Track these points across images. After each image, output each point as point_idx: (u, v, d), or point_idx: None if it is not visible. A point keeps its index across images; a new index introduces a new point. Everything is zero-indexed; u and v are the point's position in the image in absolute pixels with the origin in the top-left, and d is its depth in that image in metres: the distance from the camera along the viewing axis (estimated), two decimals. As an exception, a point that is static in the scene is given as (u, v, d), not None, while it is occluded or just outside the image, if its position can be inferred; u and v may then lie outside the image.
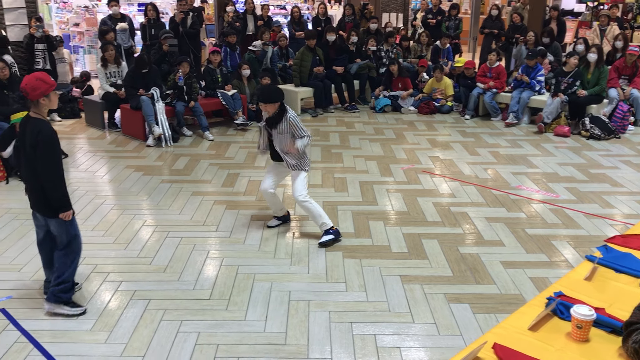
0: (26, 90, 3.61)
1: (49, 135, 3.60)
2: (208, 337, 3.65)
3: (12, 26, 9.04)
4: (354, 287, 4.25)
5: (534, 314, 2.50)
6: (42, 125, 3.61)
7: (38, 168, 3.64)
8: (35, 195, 3.78)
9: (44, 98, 3.63)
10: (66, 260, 3.85)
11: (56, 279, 3.85)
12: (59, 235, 3.83)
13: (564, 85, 8.66)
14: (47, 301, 3.89)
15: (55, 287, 3.85)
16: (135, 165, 7.01)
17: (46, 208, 3.77)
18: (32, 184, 3.78)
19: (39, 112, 3.67)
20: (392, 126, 8.99)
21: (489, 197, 6.02)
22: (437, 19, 12.55)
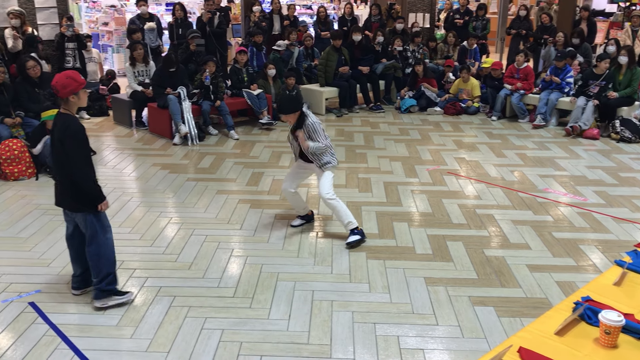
0: (57, 87, 3.67)
1: (76, 130, 3.66)
2: (232, 335, 3.68)
3: (43, 25, 9.20)
4: (377, 288, 4.24)
5: (560, 319, 2.47)
6: (70, 120, 3.69)
7: (66, 163, 3.70)
8: (61, 190, 3.84)
9: (73, 96, 3.70)
10: (98, 255, 3.87)
11: (96, 276, 3.88)
12: (85, 229, 3.88)
13: (596, 88, 8.51)
14: (95, 299, 3.92)
15: (98, 284, 3.88)
16: (161, 163, 7.09)
17: (71, 202, 3.82)
18: (59, 178, 3.84)
19: (69, 108, 3.74)
20: (417, 127, 8.94)
21: (515, 200, 5.95)
22: (465, 19, 12.45)
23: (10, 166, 6.37)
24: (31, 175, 6.51)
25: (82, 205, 3.81)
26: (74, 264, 4.11)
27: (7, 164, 6.35)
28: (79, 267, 4.08)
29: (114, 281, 3.96)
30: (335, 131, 8.65)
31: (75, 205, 3.83)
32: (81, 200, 3.79)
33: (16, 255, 4.70)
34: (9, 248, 4.83)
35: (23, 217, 5.45)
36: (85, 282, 4.12)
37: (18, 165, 6.40)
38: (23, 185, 6.31)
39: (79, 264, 4.07)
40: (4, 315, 3.86)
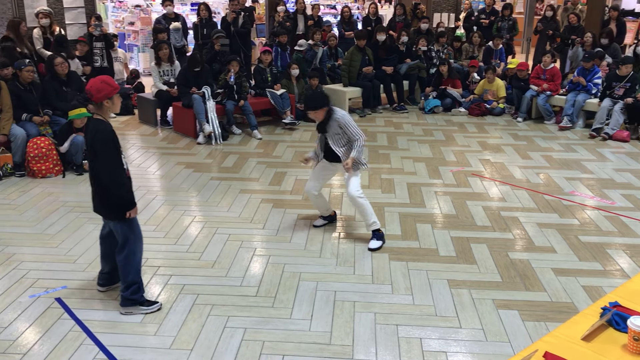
0: (91, 92, 3.65)
1: (105, 134, 3.63)
2: (254, 334, 3.69)
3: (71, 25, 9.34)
4: (400, 290, 4.22)
5: (587, 324, 2.43)
6: (100, 124, 3.66)
7: (98, 167, 3.69)
8: (96, 197, 3.85)
9: (107, 100, 3.67)
10: (127, 262, 3.84)
11: (123, 283, 3.88)
12: (117, 235, 3.86)
13: (621, 90, 8.36)
14: (122, 306, 3.91)
15: (125, 291, 3.88)
16: (185, 162, 7.14)
17: (104, 210, 3.83)
18: (93, 185, 3.83)
19: (102, 113, 3.72)
20: (441, 127, 8.88)
21: (540, 202, 5.87)
22: (490, 19, 12.33)
23: (38, 164, 6.47)
24: (58, 172, 6.61)
25: (111, 212, 3.79)
26: (103, 261, 4.13)
27: (35, 162, 6.46)
28: (107, 265, 4.10)
29: (139, 291, 3.91)
30: (359, 131, 8.62)
31: (105, 212, 3.83)
32: (111, 207, 3.77)
33: (43, 252, 4.78)
34: (36, 244, 4.91)
35: (50, 214, 5.54)
36: (112, 280, 4.15)
37: (45, 162, 6.50)
38: (50, 182, 6.42)
39: (107, 262, 4.09)
40: (31, 311, 3.92)
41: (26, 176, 6.54)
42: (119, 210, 3.77)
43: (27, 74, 6.72)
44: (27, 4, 8.77)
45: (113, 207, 3.77)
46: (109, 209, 3.80)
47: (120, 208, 3.76)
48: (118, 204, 3.75)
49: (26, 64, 6.77)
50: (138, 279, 3.92)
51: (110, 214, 3.81)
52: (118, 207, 3.76)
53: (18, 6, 8.68)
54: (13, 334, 3.67)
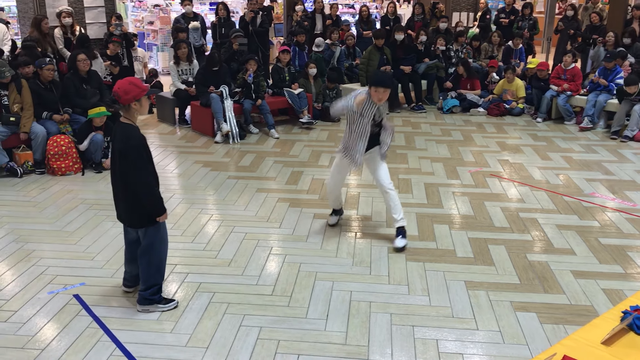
0: (118, 94, 3.59)
1: (137, 141, 3.60)
2: (269, 333, 3.69)
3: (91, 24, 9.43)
4: (416, 291, 4.19)
5: (607, 328, 2.39)
6: (131, 130, 3.62)
7: (127, 175, 3.63)
8: (122, 205, 3.80)
9: (135, 102, 3.61)
10: (150, 265, 3.84)
11: (144, 284, 3.87)
12: (143, 239, 3.84)
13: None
14: (139, 304, 3.91)
15: (144, 291, 3.88)
16: (203, 161, 7.17)
17: (130, 217, 3.79)
18: (118, 191, 3.78)
19: (130, 116, 3.66)
20: (459, 127, 8.81)
21: (560, 204, 5.80)
22: (510, 18, 12.21)
23: (58, 161, 6.54)
24: (77, 170, 6.68)
25: (141, 219, 3.75)
26: (128, 264, 4.08)
27: (55, 159, 6.54)
28: (134, 268, 4.03)
29: (159, 292, 3.93)
30: (376, 131, 8.59)
31: (135, 221, 3.78)
32: (138, 214, 3.73)
33: (62, 249, 4.83)
34: (56, 241, 4.96)
35: (69, 211, 5.60)
36: (137, 281, 4.07)
37: (65, 160, 6.57)
38: (69, 180, 6.48)
39: (132, 264, 4.03)
40: (49, 307, 3.96)
41: (46, 174, 6.62)
42: (147, 217, 3.74)
43: (47, 72, 6.80)
44: (49, 4, 8.87)
45: (141, 214, 3.73)
46: (137, 217, 3.76)
47: (149, 214, 3.73)
48: (148, 211, 3.71)
49: (46, 63, 6.84)
50: (159, 281, 3.93)
51: (138, 221, 3.77)
52: (148, 213, 3.72)
53: (40, 5, 8.79)
54: (32, 329, 3.71)
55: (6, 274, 4.40)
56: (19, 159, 6.57)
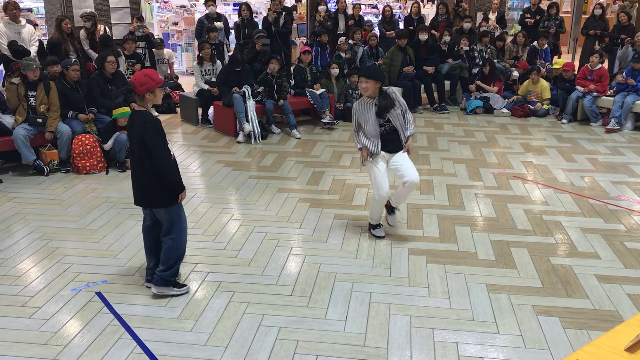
0: (134, 84, 3.83)
1: (154, 124, 3.80)
2: (288, 333, 3.69)
3: (117, 25, 9.55)
4: (437, 293, 4.16)
5: (632, 334, 2.33)
6: (146, 116, 3.82)
7: (148, 158, 3.80)
8: (142, 188, 3.93)
9: (149, 94, 3.86)
10: (172, 246, 4.00)
11: (164, 264, 4.01)
12: (164, 220, 3.99)
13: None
14: (155, 285, 4.05)
15: (163, 272, 4.01)
16: (225, 161, 7.21)
17: (151, 199, 3.94)
18: (137, 176, 3.93)
19: (144, 105, 3.90)
20: (483, 128, 8.73)
21: (585, 207, 5.70)
22: (536, 18, 12.06)
23: (83, 160, 6.64)
24: (102, 169, 6.76)
25: (163, 199, 3.91)
26: (148, 256, 4.19)
27: (80, 158, 6.63)
28: (152, 259, 4.16)
29: (176, 274, 4.10)
30: (398, 132, 8.55)
31: (157, 200, 3.92)
32: (163, 195, 3.89)
33: (85, 246, 4.90)
34: (79, 239, 5.04)
35: (93, 209, 5.67)
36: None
37: (90, 159, 6.66)
38: (94, 178, 6.57)
39: (153, 256, 4.15)
40: (72, 304, 4.02)
41: (71, 172, 6.72)
42: (168, 196, 3.90)
43: (73, 72, 6.90)
44: (75, 4, 9.01)
45: (163, 193, 3.88)
46: (157, 197, 3.90)
47: (170, 193, 3.90)
48: (170, 189, 3.88)
49: (72, 63, 6.95)
50: (179, 262, 4.08)
51: (159, 201, 3.91)
52: (169, 192, 3.89)
53: (66, 6, 8.93)
54: (55, 326, 3.76)
55: (31, 271, 4.47)
56: (45, 157, 6.68)
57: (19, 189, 6.22)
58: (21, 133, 6.46)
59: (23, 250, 4.82)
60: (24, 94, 6.57)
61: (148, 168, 3.84)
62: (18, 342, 3.59)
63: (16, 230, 5.21)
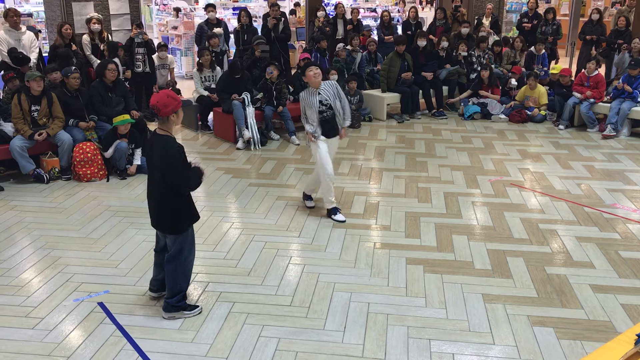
0: (158, 107, 3.70)
1: (178, 155, 3.72)
2: (288, 344, 3.76)
3: (117, 31, 9.60)
4: (434, 303, 4.22)
5: (622, 351, 2.40)
6: (169, 142, 3.73)
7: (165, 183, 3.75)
8: (155, 212, 3.91)
9: (174, 114, 3.76)
10: (176, 273, 3.95)
11: (170, 291, 3.98)
12: (172, 246, 3.94)
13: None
14: (165, 311, 4.01)
15: (170, 299, 3.99)
16: (225, 168, 7.27)
17: (163, 225, 3.91)
18: (153, 200, 3.89)
19: (167, 128, 3.79)
20: (480, 134, 8.80)
21: (580, 215, 5.77)
22: (533, 23, 12.12)
23: (84, 168, 6.70)
24: (102, 177, 6.82)
25: (177, 226, 3.86)
26: (157, 268, 4.20)
27: (81, 166, 6.69)
28: (161, 272, 4.16)
29: (184, 299, 4.05)
30: (396, 138, 8.62)
31: (166, 228, 3.89)
32: (173, 221, 3.85)
33: (87, 256, 4.95)
34: (81, 248, 5.09)
35: (94, 218, 5.73)
36: (164, 286, 4.18)
37: (91, 167, 6.72)
38: (95, 186, 6.63)
39: (162, 270, 4.14)
40: (75, 314, 4.08)
41: (72, 180, 6.77)
42: (178, 223, 3.86)
43: (73, 80, 6.96)
44: (76, 11, 9.05)
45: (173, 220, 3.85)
46: (169, 223, 3.87)
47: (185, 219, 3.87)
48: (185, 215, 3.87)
49: (72, 71, 7.00)
50: (185, 288, 4.04)
51: (170, 227, 3.88)
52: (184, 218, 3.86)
53: (67, 13, 8.97)
54: (58, 337, 3.82)
55: (34, 281, 4.53)
56: (45, 165, 6.74)
57: (20, 197, 6.28)
58: (17, 144, 6.49)
59: (25, 259, 4.88)
60: (27, 108, 6.61)
61: (165, 194, 3.80)
62: (22, 353, 3.65)
63: (18, 239, 5.27)
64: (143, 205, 5.97)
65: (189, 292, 4.31)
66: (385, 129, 9.13)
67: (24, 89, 6.63)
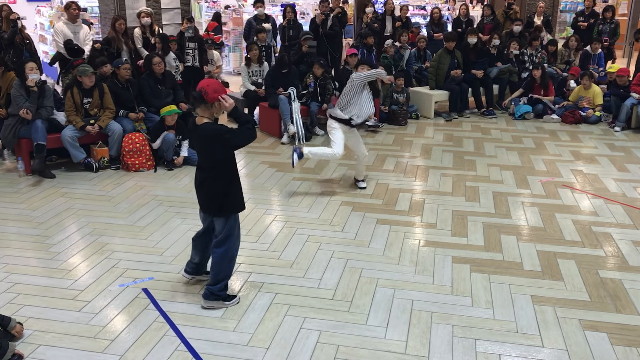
0: (207, 90, 3.70)
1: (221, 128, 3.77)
2: (329, 337, 3.70)
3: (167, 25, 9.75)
4: (480, 303, 4.10)
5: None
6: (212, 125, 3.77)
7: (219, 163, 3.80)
8: (202, 194, 3.93)
9: (218, 102, 3.75)
10: (223, 259, 3.96)
11: (214, 277, 3.99)
12: (220, 231, 3.94)
13: None
14: (204, 298, 4.02)
15: (213, 286, 3.99)
16: (269, 162, 7.28)
17: (210, 206, 3.92)
18: (203, 181, 3.90)
19: (208, 115, 3.79)
20: (532, 135, 8.55)
21: (637, 219, 5.52)
22: (590, 22, 11.73)
23: (132, 158, 6.81)
24: (150, 167, 6.92)
25: (222, 209, 3.87)
26: (194, 251, 4.23)
27: (130, 156, 6.80)
28: (198, 255, 4.21)
29: (226, 288, 4.05)
30: (444, 136, 8.47)
31: (213, 210, 3.90)
32: (223, 204, 3.86)
33: (133, 243, 5.02)
34: (127, 235, 5.17)
35: (141, 207, 5.81)
36: (198, 270, 4.29)
37: (139, 157, 6.83)
38: (142, 176, 6.73)
39: (199, 253, 4.20)
40: (120, 299, 4.13)
41: (120, 169, 6.90)
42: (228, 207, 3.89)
43: (124, 71, 7.09)
44: (129, 5, 9.24)
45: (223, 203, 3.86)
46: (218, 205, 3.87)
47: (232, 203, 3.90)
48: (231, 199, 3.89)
49: (123, 62, 7.13)
50: (229, 276, 4.05)
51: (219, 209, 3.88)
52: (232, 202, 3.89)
53: (120, 7, 9.17)
54: (103, 320, 3.87)
55: (81, 265, 4.62)
56: (96, 154, 6.88)
57: (71, 185, 6.42)
58: (68, 134, 6.64)
59: (74, 244, 4.98)
60: (80, 101, 6.76)
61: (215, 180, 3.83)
62: (68, 335, 3.71)
63: (68, 225, 5.39)
64: (189, 196, 6.03)
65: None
66: (432, 127, 8.98)
67: (76, 83, 6.78)
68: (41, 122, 6.55)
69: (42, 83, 6.70)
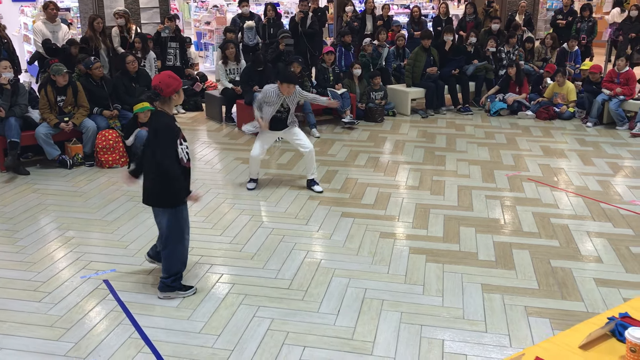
0: (160, 87, 3.81)
1: (168, 123, 3.85)
2: (280, 324, 3.81)
3: (146, 24, 9.85)
4: (431, 291, 4.22)
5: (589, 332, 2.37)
6: (163, 116, 3.87)
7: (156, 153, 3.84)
8: (148, 185, 4.02)
9: (175, 94, 3.89)
10: (170, 256, 4.06)
11: (165, 271, 4.09)
12: (161, 226, 4.04)
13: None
14: (160, 290, 4.13)
15: (166, 279, 4.09)
16: (243, 158, 7.38)
17: (152, 197, 4.01)
18: (149, 174, 4.01)
19: (167, 108, 3.91)
20: (505, 130, 8.67)
21: (596, 211, 5.65)
22: (568, 19, 11.87)
23: (106, 155, 6.91)
24: (123, 164, 7.02)
25: (160, 200, 3.96)
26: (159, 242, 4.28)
27: (103, 153, 6.90)
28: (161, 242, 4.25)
29: (179, 279, 4.15)
30: (418, 132, 8.59)
31: (155, 200, 4.00)
32: (160, 195, 3.94)
33: (100, 237, 5.13)
34: (95, 230, 5.27)
35: (111, 202, 5.91)
36: (159, 258, 4.31)
37: (112, 154, 6.93)
38: (116, 172, 6.83)
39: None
40: (80, 290, 4.23)
41: (95, 166, 7.00)
42: (168, 199, 3.95)
43: (96, 71, 7.19)
44: (107, 4, 9.34)
45: (161, 194, 3.95)
46: (156, 196, 3.98)
47: (171, 196, 3.93)
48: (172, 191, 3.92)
49: (93, 62, 7.22)
50: (181, 270, 4.15)
51: (159, 201, 3.98)
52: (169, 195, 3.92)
53: (98, 6, 9.27)
54: (61, 310, 3.98)
55: (45, 259, 4.72)
56: (70, 151, 6.98)
57: (44, 181, 6.52)
58: (42, 132, 6.72)
59: (41, 238, 5.09)
60: (54, 99, 6.85)
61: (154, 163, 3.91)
62: (26, 324, 3.82)
63: (37, 220, 5.49)
64: (159, 191, 6.13)
65: (189, 275, 4.42)
66: (408, 124, 9.10)
67: (50, 81, 6.87)
68: (15, 120, 6.64)
69: (15, 81, 6.79)
